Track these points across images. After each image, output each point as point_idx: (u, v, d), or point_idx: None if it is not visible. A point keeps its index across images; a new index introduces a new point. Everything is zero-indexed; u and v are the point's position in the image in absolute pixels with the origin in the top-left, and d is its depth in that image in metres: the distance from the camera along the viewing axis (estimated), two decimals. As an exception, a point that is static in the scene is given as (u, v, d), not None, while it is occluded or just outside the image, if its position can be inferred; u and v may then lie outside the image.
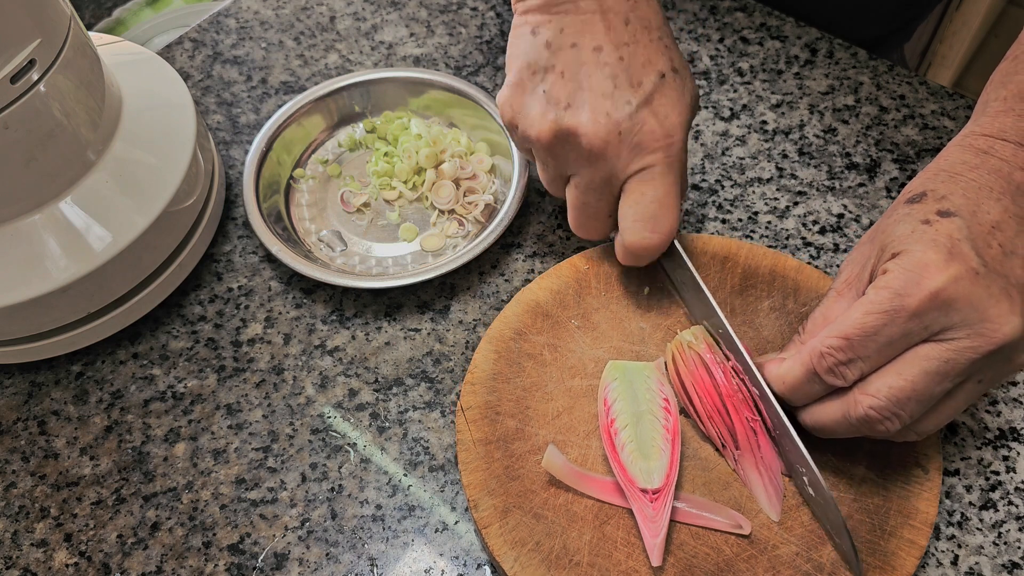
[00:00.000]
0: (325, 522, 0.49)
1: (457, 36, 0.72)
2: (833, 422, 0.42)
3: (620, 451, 0.46)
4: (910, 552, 0.44)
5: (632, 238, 0.49)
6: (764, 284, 0.53)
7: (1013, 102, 0.43)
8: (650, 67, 0.47)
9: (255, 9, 0.75)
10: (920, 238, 0.40)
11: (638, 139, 0.47)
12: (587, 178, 0.49)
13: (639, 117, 0.46)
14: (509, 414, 0.49)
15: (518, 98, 0.49)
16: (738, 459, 0.47)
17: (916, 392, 0.39)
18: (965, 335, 0.39)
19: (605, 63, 0.47)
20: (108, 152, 0.53)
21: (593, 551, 0.45)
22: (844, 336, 0.40)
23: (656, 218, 0.48)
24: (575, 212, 0.51)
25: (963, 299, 0.38)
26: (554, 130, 0.47)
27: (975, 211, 0.40)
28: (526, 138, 0.49)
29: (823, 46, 0.69)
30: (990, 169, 0.42)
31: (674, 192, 0.48)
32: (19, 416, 0.53)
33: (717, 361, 0.47)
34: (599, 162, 0.47)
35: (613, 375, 0.49)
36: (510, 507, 0.46)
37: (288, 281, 0.58)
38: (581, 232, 0.52)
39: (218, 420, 0.52)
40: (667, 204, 0.48)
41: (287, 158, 0.63)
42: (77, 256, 0.50)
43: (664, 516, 0.44)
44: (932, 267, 0.39)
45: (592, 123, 0.46)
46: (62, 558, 0.48)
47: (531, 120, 0.48)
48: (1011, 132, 0.42)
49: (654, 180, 0.47)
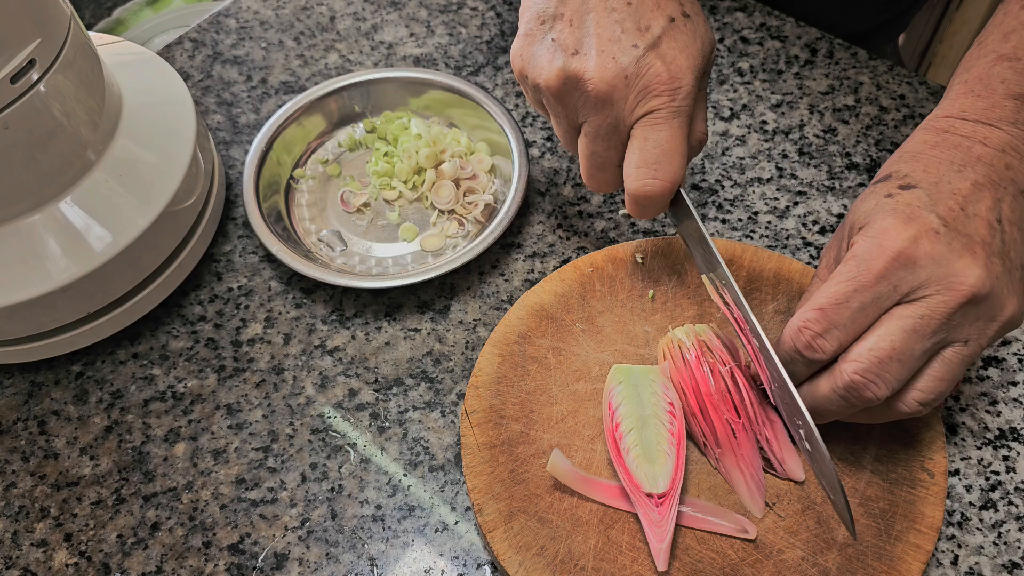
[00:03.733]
0: (325, 522, 0.49)
1: (457, 36, 0.72)
2: (824, 399, 0.43)
3: (625, 455, 0.46)
4: (916, 557, 0.44)
5: (634, 184, 0.48)
6: (769, 287, 0.53)
7: (973, 84, 0.45)
8: (659, 11, 0.47)
9: (255, 9, 0.75)
10: (882, 209, 0.42)
11: (644, 82, 0.46)
12: (595, 125, 0.48)
13: (645, 61, 0.46)
14: (513, 418, 0.49)
15: (528, 48, 0.49)
16: (719, 457, 0.47)
17: (896, 351, 0.40)
18: (934, 291, 0.40)
19: (612, 8, 0.47)
20: (108, 152, 0.53)
21: (598, 556, 0.45)
22: (818, 307, 0.42)
23: (659, 163, 0.47)
24: (585, 162, 0.51)
25: (925, 256, 0.40)
26: (561, 76, 0.47)
27: (937, 183, 0.42)
28: (536, 87, 0.49)
29: (823, 46, 0.69)
30: (951, 145, 0.43)
31: (680, 138, 0.47)
32: (19, 416, 0.53)
33: (705, 360, 0.47)
34: (606, 107, 0.47)
35: (618, 379, 0.49)
36: (515, 511, 0.46)
37: (288, 281, 0.58)
38: (591, 184, 0.52)
39: (218, 420, 0.52)
40: (672, 150, 0.47)
41: (287, 158, 0.63)
42: (77, 256, 0.50)
43: (670, 521, 0.44)
44: (891, 231, 0.41)
45: (598, 68, 0.46)
46: (62, 558, 0.48)
47: (540, 68, 0.48)
48: (970, 111, 0.44)
49: (659, 125, 0.47)
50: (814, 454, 0.44)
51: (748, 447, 0.46)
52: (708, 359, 0.47)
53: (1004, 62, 0.44)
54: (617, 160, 0.50)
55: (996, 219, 0.41)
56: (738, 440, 0.46)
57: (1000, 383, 0.52)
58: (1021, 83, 0.43)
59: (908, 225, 0.41)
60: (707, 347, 0.48)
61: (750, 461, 0.46)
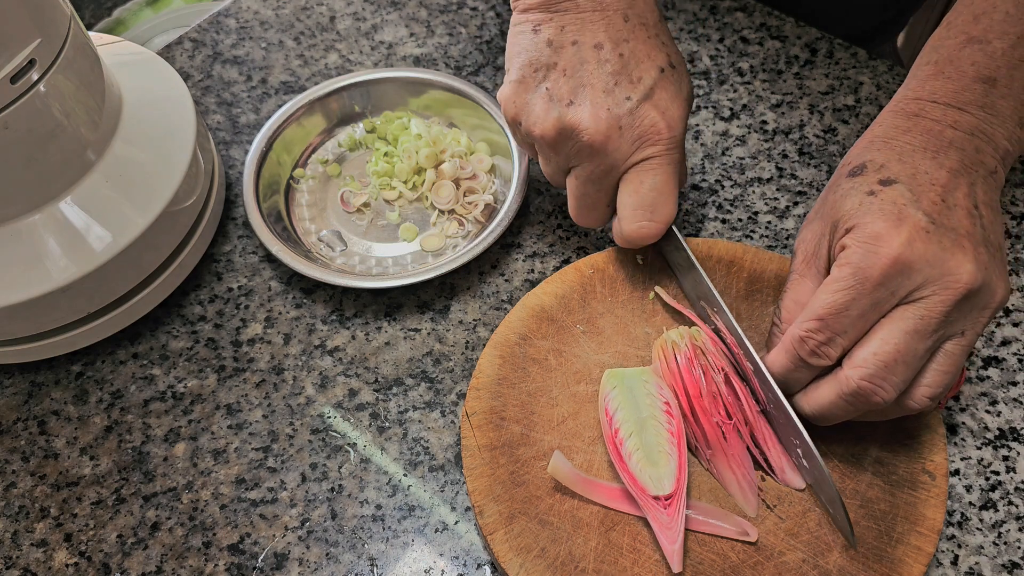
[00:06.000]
0: (325, 522, 0.49)
1: (457, 36, 0.72)
2: (831, 404, 0.43)
3: (628, 460, 0.46)
4: (917, 559, 0.44)
5: (631, 226, 0.50)
6: (770, 289, 0.53)
7: (943, 65, 0.45)
8: (649, 62, 0.49)
9: (255, 9, 0.75)
10: (869, 209, 0.42)
11: (639, 132, 0.48)
12: (588, 170, 0.50)
13: (640, 112, 0.48)
14: (514, 419, 0.49)
15: (521, 96, 0.50)
16: (711, 458, 0.47)
17: (900, 353, 0.41)
18: (931, 291, 0.41)
19: (606, 60, 0.48)
20: (108, 152, 0.53)
21: (599, 558, 0.45)
22: (818, 317, 0.42)
23: (655, 207, 0.50)
24: (575, 202, 0.52)
25: (920, 259, 0.40)
26: (558, 127, 0.48)
27: (914, 174, 0.43)
28: (530, 134, 0.50)
29: (823, 46, 0.69)
30: (922, 131, 0.44)
31: (673, 182, 0.50)
32: (19, 416, 0.53)
33: (698, 362, 0.47)
34: (600, 155, 0.49)
35: (611, 384, 0.48)
36: (515, 513, 0.46)
37: (288, 281, 0.58)
38: (580, 220, 0.54)
39: (218, 420, 0.52)
40: (666, 193, 0.50)
41: (287, 158, 0.63)
42: (77, 256, 0.50)
43: (680, 521, 0.44)
44: (885, 236, 0.41)
45: (593, 119, 0.47)
46: (62, 558, 0.48)
47: (535, 117, 0.49)
48: (940, 94, 0.44)
49: (654, 170, 0.49)
50: (812, 471, 0.45)
51: (739, 448, 0.46)
52: (701, 361, 0.47)
53: (974, 44, 0.45)
54: (607, 200, 0.52)
55: (973, 205, 0.42)
56: (728, 441, 0.46)
57: (1000, 383, 0.52)
58: (990, 66, 0.44)
59: (899, 227, 0.41)
60: (701, 350, 0.48)
61: (741, 461, 0.46)
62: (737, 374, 0.48)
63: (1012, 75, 0.44)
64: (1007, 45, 0.44)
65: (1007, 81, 0.44)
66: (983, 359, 0.53)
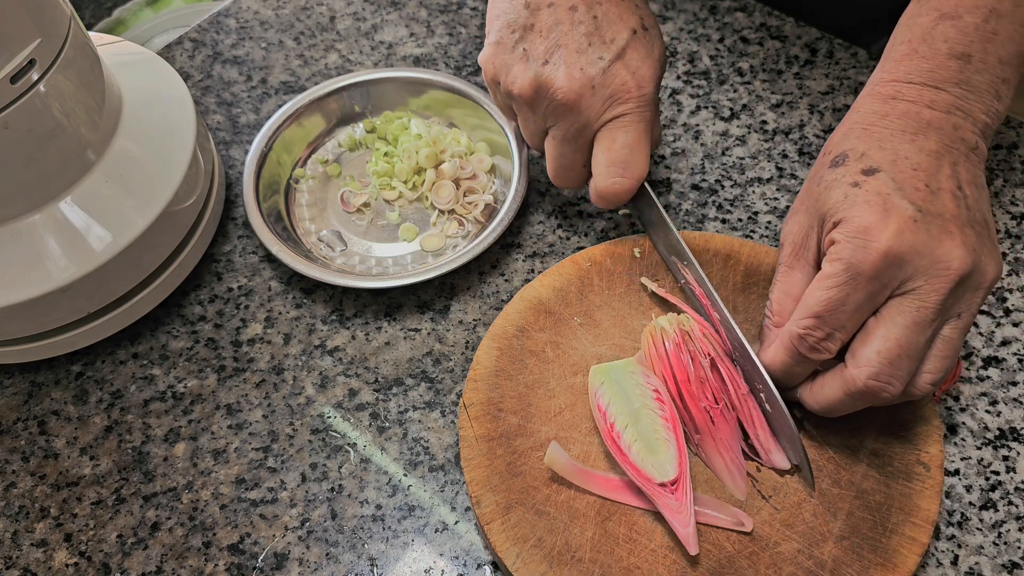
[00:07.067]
0: (325, 522, 0.49)
1: (457, 36, 0.72)
2: (838, 401, 0.44)
3: (628, 452, 0.46)
4: (912, 549, 0.44)
5: (604, 182, 0.52)
6: (766, 282, 0.53)
7: (917, 44, 0.45)
8: (621, 24, 0.51)
9: (255, 9, 0.75)
10: (855, 202, 0.42)
11: (611, 91, 0.50)
12: (563, 128, 0.52)
13: (611, 71, 0.50)
14: (511, 411, 0.49)
15: (500, 56, 0.52)
16: (699, 443, 0.47)
17: (903, 348, 0.41)
18: (924, 280, 0.41)
19: (580, 21, 0.50)
20: (108, 152, 0.53)
21: (595, 548, 0.45)
22: (814, 315, 0.43)
23: (627, 163, 0.51)
24: (553, 163, 0.54)
25: (910, 250, 0.41)
26: (534, 85, 0.50)
27: (895, 160, 0.43)
28: (508, 93, 0.52)
29: (823, 46, 0.69)
30: (900, 114, 0.44)
31: (644, 139, 0.51)
32: (19, 416, 0.53)
33: (686, 348, 0.48)
34: (574, 114, 0.50)
35: (599, 379, 0.49)
36: (512, 504, 0.46)
37: (288, 281, 0.58)
38: (558, 181, 0.55)
39: (218, 420, 0.52)
40: (637, 150, 0.51)
41: (287, 158, 0.63)
42: (77, 256, 0.50)
43: (688, 503, 0.44)
44: (874, 229, 0.41)
45: (567, 78, 0.49)
46: (62, 558, 0.48)
47: (513, 76, 0.51)
48: (916, 74, 0.45)
49: (625, 127, 0.51)
50: (774, 414, 0.46)
51: (727, 432, 0.47)
52: (689, 347, 0.48)
53: (947, 20, 0.45)
54: (583, 160, 0.53)
55: (957, 186, 0.42)
56: (716, 425, 0.46)
57: (1000, 383, 0.52)
58: (963, 42, 0.44)
59: (887, 220, 0.41)
60: (689, 336, 0.48)
61: (729, 446, 0.47)
62: (723, 358, 0.48)
63: (986, 49, 0.44)
64: (979, 19, 0.44)
65: (981, 56, 0.44)
66: (983, 359, 0.53)
